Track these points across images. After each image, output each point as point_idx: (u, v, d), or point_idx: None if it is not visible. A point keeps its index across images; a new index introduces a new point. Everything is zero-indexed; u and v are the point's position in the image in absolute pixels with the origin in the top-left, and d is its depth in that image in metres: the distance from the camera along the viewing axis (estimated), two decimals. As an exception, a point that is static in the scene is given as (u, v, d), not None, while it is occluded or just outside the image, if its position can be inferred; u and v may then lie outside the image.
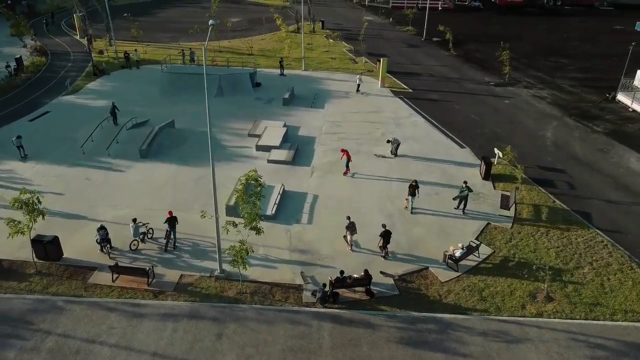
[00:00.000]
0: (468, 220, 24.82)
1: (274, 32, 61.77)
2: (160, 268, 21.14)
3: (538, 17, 75.78)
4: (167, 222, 22.30)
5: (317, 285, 20.33)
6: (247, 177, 19.15)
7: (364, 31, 53.02)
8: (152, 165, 29.56)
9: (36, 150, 30.68)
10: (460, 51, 54.72)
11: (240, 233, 19.30)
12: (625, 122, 37.16)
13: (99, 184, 27.49)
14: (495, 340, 18.00)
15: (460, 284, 20.73)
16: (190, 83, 40.58)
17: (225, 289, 20.14)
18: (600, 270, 21.56)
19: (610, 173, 29.84)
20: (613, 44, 59.61)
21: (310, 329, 18.30)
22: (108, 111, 34.87)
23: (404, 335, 18.13)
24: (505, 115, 38.10)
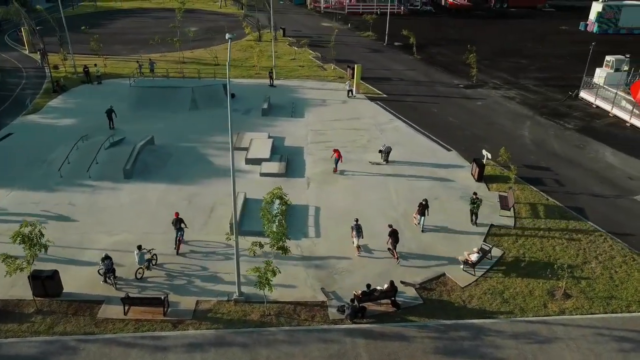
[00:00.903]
0: (472, 224, 25.08)
1: (236, 41, 60.62)
2: (173, 295, 20.00)
3: (486, 20, 78.55)
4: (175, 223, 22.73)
5: (340, 301, 19.92)
6: (271, 195, 18.40)
7: (334, 38, 52.94)
8: (140, 185, 28.08)
9: (7, 175, 28.47)
10: (423, 55, 55.78)
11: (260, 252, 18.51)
12: (593, 119, 39.02)
13: (86, 209, 25.77)
14: (528, 342, 18.20)
15: (480, 288, 20.88)
16: (161, 97, 39.17)
17: (248, 313, 19.30)
18: (606, 263, 22.35)
19: (591, 168, 31.15)
20: (562, 44, 62.77)
21: (345, 346, 17.83)
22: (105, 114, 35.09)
23: (439, 345, 18.01)
24: (481, 116, 39.07)
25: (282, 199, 18.42)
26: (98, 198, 26.82)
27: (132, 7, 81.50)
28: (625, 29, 67.11)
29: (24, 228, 17.91)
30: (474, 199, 24.73)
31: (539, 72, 51.12)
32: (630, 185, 29.23)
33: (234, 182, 19.07)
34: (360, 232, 22.66)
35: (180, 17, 53.32)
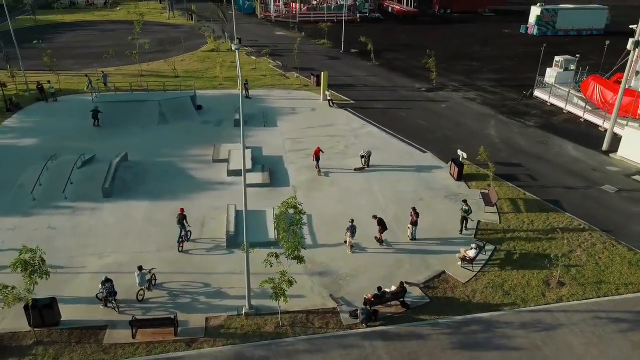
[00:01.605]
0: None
1: (191, 51, 59.74)
2: (180, 314, 19.41)
3: (432, 25, 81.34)
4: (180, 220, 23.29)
5: (350, 306, 20.09)
6: (286, 205, 18.30)
7: (297, 47, 53.08)
8: (121, 204, 27.06)
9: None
10: (381, 60, 57.04)
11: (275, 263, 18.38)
12: (549, 115, 41.35)
13: (68, 232, 24.56)
14: (535, 330, 19.06)
15: (481, 283, 21.65)
16: (127, 111, 37.92)
17: (261, 325, 19.07)
18: (590, 250, 23.78)
19: (558, 162, 33.00)
20: (507, 46, 66.10)
21: (365, 350, 17.99)
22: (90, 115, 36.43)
23: (454, 341, 18.52)
24: (447, 118, 40.45)
25: (296, 208, 18.33)
26: (79, 219, 25.61)
27: (75, 20, 78.27)
28: (562, 30, 71.53)
29: (24, 254, 16.88)
30: (464, 208, 24.43)
31: (492, 73, 53.56)
32: (594, 176, 31.20)
33: (246, 193, 18.85)
34: (354, 232, 23.05)
35: (139, 29, 51.79)
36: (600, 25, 72.76)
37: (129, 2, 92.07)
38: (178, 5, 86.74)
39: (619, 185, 29.89)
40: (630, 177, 31.02)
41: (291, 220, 18.28)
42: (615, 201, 28.34)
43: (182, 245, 23.33)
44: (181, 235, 23.42)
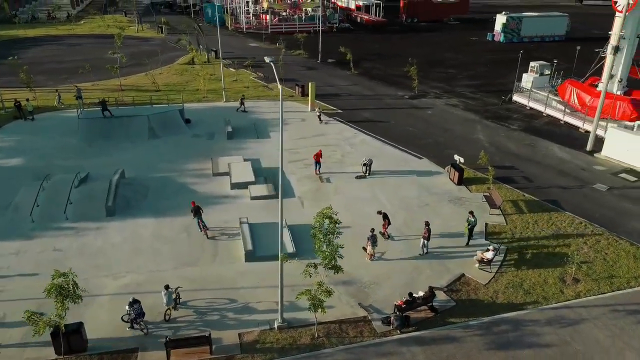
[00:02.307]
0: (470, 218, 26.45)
1: (168, 65, 58.80)
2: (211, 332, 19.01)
3: (401, 34, 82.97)
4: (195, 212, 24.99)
5: (380, 313, 20.22)
6: (321, 215, 18.25)
7: (282, 58, 53.02)
8: (126, 222, 26.30)
9: (-33, 228, 25.34)
10: (359, 70, 57.75)
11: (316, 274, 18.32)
12: (531, 119, 42.91)
13: (76, 253, 23.68)
14: (561, 327, 19.70)
15: (501, 283, 22.20)
16: (115, 127, 36.97)
17: (297, 338, 18.92)
18: (596, 247, 24.78)
19: (548, 163, 34.26)
20: (478, 53, 68.20)
21: (404, 356, 18.13)
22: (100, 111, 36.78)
23: (487, 342, 18.90)
24: (435, 124, 41.34)
25: (331, 219, 18.30)
26: (85, 240, 24.74)
27: (39, 35, 75.51)
28: (527, 37, 74.46)
29: (57, 278, 16.18)
30: (470, 219, 24.37)
31: (469, 80, 55.14)
32: (584, 175, 32.58)
33: (282, 202, 18.66)
34: (375, 242, 23.24)
35: (120, 43, 50.61)
36: (562, 31, 76.18)
37: (93, 16, 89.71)
38: (145, 18, 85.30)
39: (609, 184, 31.30)
40: (618, 176, 32.53)
41: (327, 230, 18.23)
42: (608, 199, 29.65)
43: (206, 232, 25.10)
44: (200, 225, 25.18)
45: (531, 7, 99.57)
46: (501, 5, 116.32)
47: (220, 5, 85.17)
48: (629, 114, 37.86)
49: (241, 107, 42.74)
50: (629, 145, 33.71)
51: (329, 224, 18.15)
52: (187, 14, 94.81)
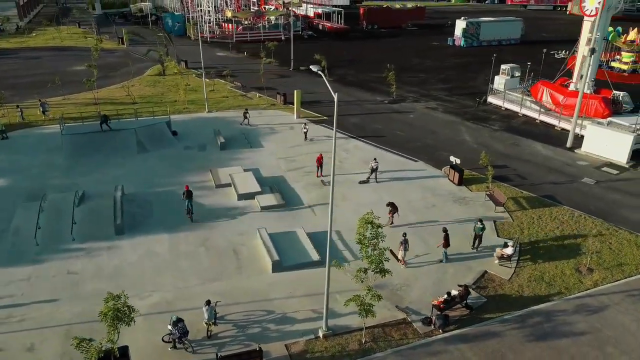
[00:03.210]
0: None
1: (138, 76, 57.22)
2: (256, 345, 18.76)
3: (364, 40, 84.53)
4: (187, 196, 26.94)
5: (417, 314, 20.57)
6: (363, 221, 18.41)
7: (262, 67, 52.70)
8: (138, 239, 25.43)
9: (-35, 256, 23.74)
10: (333, 76, 58.33)
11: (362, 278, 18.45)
12: (509, 119, 44.81)
13: (93, 275, 22.69)
14: (589, 314, 20.74)
15: (523, 277, 23.10)
16: (101, 142, 35.66)
17: (345, 345, 18.97)
18: (599, 237, 26.19)
19: (535, 161, 35.91)
20: (442, 57, 70.48)
21: (453, 354, 18.55)
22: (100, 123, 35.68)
23: (526, 334, 19.64)
24: (421, 127, 42.40)
25: (373, 223, 18.48)
26: (99, 261, 23.73)
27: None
28: (486, 41, 77.67)
29: (111, 301, 15.51)
30: (478, 225, 24.65)
31: (442, 83, 56.89)
32: (571, 170, 34.39)
33: (332, 199, 18.64)
34: (407, 247, 23.56)
35: (97, 55, 48.78)
36: (517, 35, 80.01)
37: (45, 27, 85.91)
38: (102, 29, 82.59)
39: (595, 177, 33.20)
40: (600, 169, 34.54)
41: (373, 234, 18.40)
42: (597, 191, 31.44)
43: (191, 216, 27.06)
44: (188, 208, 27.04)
45: (478, 12, 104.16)
46: (450, 12, 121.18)
47: (180, 15, 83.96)
48: (601, 112, 40.26)
49: (245, 121, 41.50)
50: (607, 141, 35.86)
51: (371, 228, 18.31)
52: (144, 24, 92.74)
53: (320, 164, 32.59)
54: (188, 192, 27.14)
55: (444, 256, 24.07)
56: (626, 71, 59.88)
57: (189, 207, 27.04)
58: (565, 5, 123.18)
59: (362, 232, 18.56)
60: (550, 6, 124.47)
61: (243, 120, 41.47)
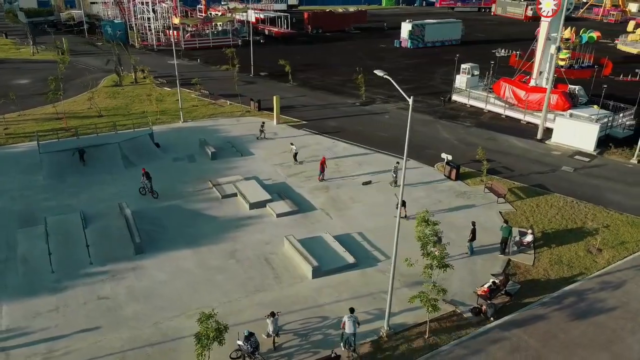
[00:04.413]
0: (487, 215, 28.82)
1: (93, 88, 54.21)
2: (324, 351, 18.75)
3: (312, 44, 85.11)
4: (146, 176, 29.76)
5: (463, 305, 21.44)
6: (420, 219, 18.93)
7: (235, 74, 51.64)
8: (161, 257, 24.42)
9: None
10: (297, 81, 58.52)
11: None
12: (477, 116, 47.26)
13: (126, 298, 21.56)
14: (613, 289, 22.62)
15: (544, 262, 24.69)
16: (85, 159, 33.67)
17: (410, 341, 19.47)
18: (595, 220, 28.49)
19: (516, 153, 38.24)
20: (393, 59, 72.70)
21: (512, 340, 19.57)
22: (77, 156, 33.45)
23: (567, 313, 21.09)
24: (399, 127, 43.60)
25: (428, 221, 19.04)
26: (128, 283, 22.55)
27: None
28: (430, 42, 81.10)
29: (204, 322, 14.93)
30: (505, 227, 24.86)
31: (403, 84, 57.50)
32: (549, 160, 36.98)
33: (402, 191, 18.92)
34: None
35: (63, 67, 45.60)
36: (458, 36, 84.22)
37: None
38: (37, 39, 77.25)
39: (572, 165, 35.95)
40: (574, 158, 37.44)
41: (433, 231, 18.98)
42: (578, 178, 34.09)
43: (153, 194, 29.95)
44: (149, 187, 29.86)
45: (410, 15, 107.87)
46: (383, 14, 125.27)
47: (121, 23, 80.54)
48: (562, 105, 43.49)
49: (262, 135, 40.11)
50: (575, 131, 38.92)
51: (431, 226, 18.87)
52: (78, 32, 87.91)
53: (324, 168, 32.73)
54: (146, 173, 29.76)
55: (470, 249, 25.12)
56: (563, 67, 64.88)
57: (150, 187, 29.86)
58: (489, 7, 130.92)
59: (421, 230, 19.05)
60: (475, 8, 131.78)
61: (260, 134, 40.08)
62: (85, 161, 33.48)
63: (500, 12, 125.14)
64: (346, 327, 18.41)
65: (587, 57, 63.83)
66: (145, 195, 30.06)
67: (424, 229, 19.03)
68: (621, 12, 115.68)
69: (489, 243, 26.02)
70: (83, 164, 33.28)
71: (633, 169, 35.72)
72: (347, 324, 18.38)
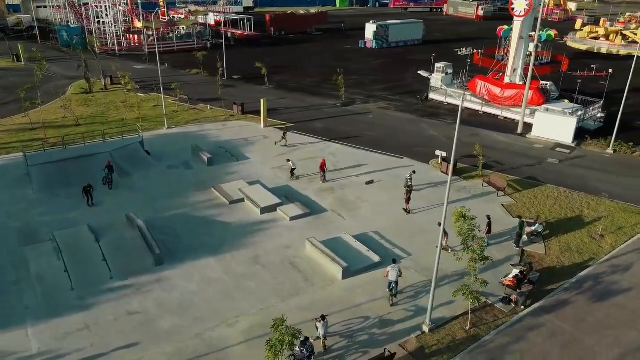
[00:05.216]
0: (492, 209, 29.87)
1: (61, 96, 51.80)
2: (372, 350, 18.97)
3: (277, 46, 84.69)
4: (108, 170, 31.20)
5: (493, 296, 22.22)
6: (458, 214, 19.44)
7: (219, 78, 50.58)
8: (184, 267, 23.86)
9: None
10: (273, 83, 58.27)
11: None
12: (455, 113, 48.40)
13: (159, 312, 20.95)
14: (624, 272, 24.11)
15: (555, 251, 25.93)
16: (77, 170, 32.26)
17: (453, 334, 20.00)
18: (590, 208, 30.16)
19: (502, 148, 39.81)
20: (362, 60, 73.72)
21: (547, 326, 20.51)
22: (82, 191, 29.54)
23: (589, 297, 22.30)
24: (386, 127, 44.45)
25: (465, 217, 19.59)
26: (156, 296, 21.90)
27: None
28: (394, 42, 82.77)
29: (278, 328, 14.79)
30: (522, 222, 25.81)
31: (377, 84, 59.71)
32: (534, 153, 38.75)
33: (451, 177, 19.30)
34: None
35: (40, 75, 43.15)
36: (419, 36, 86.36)
37: None
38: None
39: (556, 157, 37.84)
40: (555, 150, 39.41)
41: (469, 227, 19.55)
42: (564, 169, 35.94)
43: (110, 185, 31.32)
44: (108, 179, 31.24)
45: (365, 16, 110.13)
46: (340, 15, 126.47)
47: (78, 27, 77.41)
48: (536, 100, 45.62)
49: (283, 141, 39.02)
50: (554, 125, 40.98)
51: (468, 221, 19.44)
52: (29, 38, 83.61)
53: (324, 170, 32.91)
54: (110, 166, 31.34)
55: (486, 242, 25.98)
56: (524, 64, 67.98)
57: (110, 178, 31.20)
58: (441, 7, 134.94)
59: (460, 226, 19.60)
60: (427, 8, 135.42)
61: (280, 140, 39.11)
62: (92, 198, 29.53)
63: (452, 12, 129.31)
64: (390, 275, 21.17)
65: (545, 55, 67.00)
66: (105, 185, 31.23)
67: (462, 224, 19.55)
68: (563, 10, 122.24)
69: (499, 235, 27.02)
70: (89, 202, 29.46)
71: (610, 158, 38.00)
72: (390, 272, 21.18)
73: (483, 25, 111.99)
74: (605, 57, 76.05)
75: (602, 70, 63.45)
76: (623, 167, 36.24)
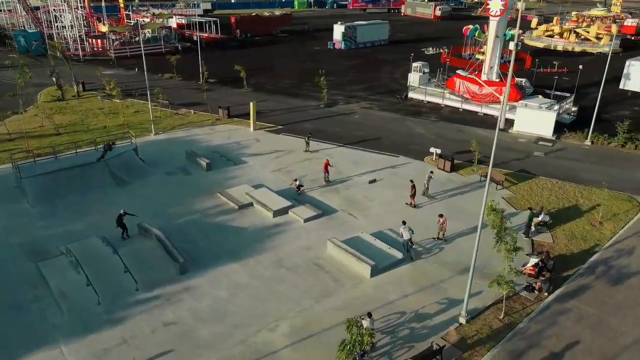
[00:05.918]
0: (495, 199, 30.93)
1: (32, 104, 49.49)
2: (416, 343, 19.41)
3: (245, 49, 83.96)
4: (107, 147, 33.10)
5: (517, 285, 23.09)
6: (490, 208, 20.09)
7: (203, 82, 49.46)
8: (209, 274, 23.51)
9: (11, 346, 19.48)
10: (251, 86, 57.82)
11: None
12: (437, 111, 50.05)
13: (195, 320, 20.60)
14: (629, 255, 25.60)
15: (563, 239, 27.22)
16: (72, 180, 31.17)
17: (490, 324, 20.71)
18: (584, 198, 31.78)
19: (489, 144, 40.74)
20: (332, 60, 74.26)
21: (573, 311, 21.57)
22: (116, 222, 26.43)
23: (606, 281, 23.59)
24: (373, 126, 45.07)
25: (496, 210, 20.26)
26: (189, 305, 21.49)
27: None
28: (362, 43, 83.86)
29: (351, 328, 14.89)
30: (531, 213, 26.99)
31: (354, 84, 60.36)
32: (520, 147, 40.39)
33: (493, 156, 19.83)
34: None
35: (23, 84, 40.85)
36: (385, 36, 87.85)
37: None
38: None
39: (541, 150, 39.59)
40: (539, 143, 41.22)
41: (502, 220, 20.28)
42: (551, 161, 37.66)
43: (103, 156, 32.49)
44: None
45: (325, 17, 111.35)
46: (301, 17, 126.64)
47: (37, 32, 74.11)
48: (514, 96, 47.51)
49: (308, 147, 38.37)
50: (535, 120, 42.86)
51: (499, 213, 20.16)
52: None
53: (327, 170, 33.07)
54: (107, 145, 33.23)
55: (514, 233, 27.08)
56: (487, 61, 70.50)
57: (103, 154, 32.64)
58: (398, 8, 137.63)
59: (492, 219, 20.29)
60: (385, 9, 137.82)
61: (307, 146, 38.46)
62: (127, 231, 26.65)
63: (410, 13, 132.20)
64: (404, 235, 24.18)
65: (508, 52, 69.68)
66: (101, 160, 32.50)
67: (494, 217, 20.26)
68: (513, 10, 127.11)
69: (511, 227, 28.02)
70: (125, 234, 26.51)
71: (590, 150, 40.11)
72: (404, 233, 24.06)
73: (440, 25, 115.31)
74: (561, 54, 79.84)
75: (563, 66, 66.85)
76: (603, 158, 38.31)
